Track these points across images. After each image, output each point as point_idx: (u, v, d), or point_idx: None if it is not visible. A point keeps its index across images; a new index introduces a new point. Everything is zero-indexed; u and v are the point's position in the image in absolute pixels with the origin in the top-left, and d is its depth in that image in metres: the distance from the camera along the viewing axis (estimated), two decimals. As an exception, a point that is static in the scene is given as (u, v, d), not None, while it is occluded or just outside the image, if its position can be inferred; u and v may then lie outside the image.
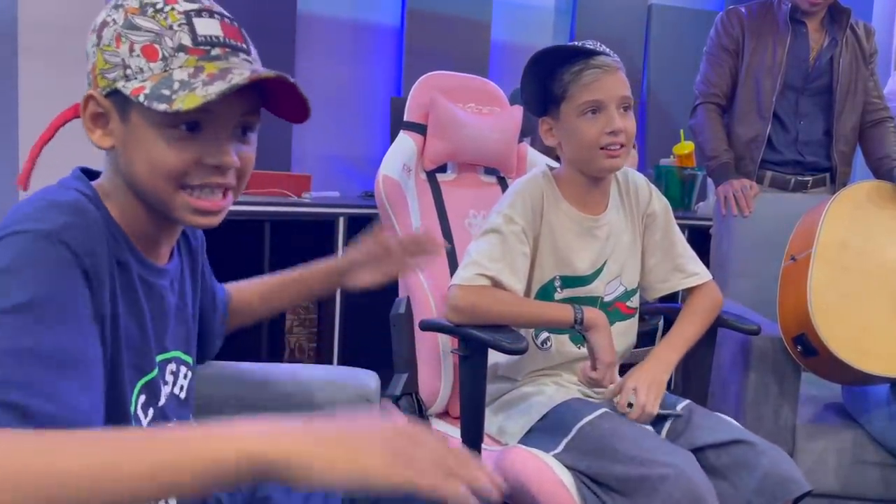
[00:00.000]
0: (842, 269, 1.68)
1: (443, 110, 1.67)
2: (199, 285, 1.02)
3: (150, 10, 0.78)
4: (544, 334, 1.42)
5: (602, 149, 1.31)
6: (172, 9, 0.78)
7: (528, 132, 2.24)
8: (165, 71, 0.76)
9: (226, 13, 0.82)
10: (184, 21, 0.78)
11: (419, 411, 1.51)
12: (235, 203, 0.86)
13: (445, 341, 1.54)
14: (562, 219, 1.40)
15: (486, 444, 1.42)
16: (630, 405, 1.29)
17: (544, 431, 1.30)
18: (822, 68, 2.24)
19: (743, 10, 2.29)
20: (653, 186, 1.51)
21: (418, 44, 3.31)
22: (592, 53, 1.31)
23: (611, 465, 1.17)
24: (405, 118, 1.68)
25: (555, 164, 1.48)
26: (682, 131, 3.13)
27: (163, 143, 0.77)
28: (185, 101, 0.73)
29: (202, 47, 0.78)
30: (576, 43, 1.35)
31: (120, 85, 0.76)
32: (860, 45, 2.26)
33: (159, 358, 0.88)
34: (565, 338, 1.42)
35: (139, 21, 0.77)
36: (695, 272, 1.48)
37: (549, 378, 1.43)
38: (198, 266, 1.02)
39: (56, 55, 2.22)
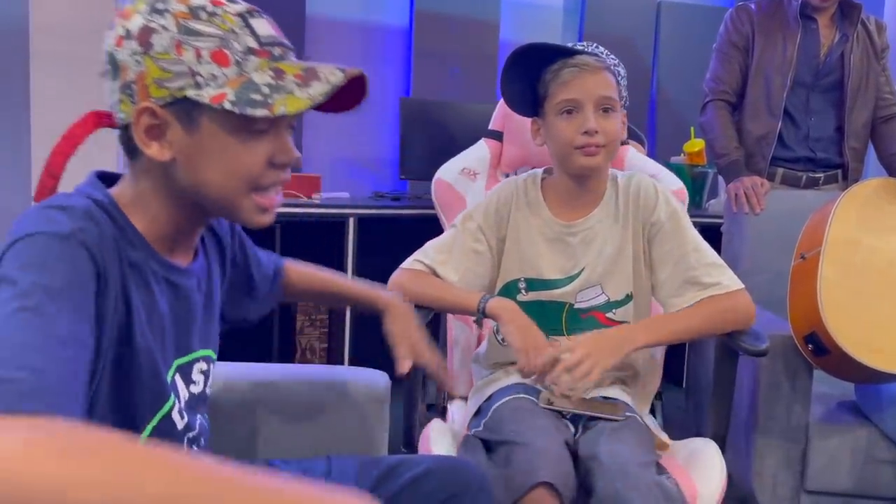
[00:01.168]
0: (851, 267, 1.67)
1: (516, 118, 1.75)
2: (226, 276, 1.03)
3: (204, 14, 0.77)
4: None
5: (577, 148, 1.31)
6: (225, 11, 0.78)
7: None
8: (241, 75, 0.77)
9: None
10: (242, 24, 0.78)
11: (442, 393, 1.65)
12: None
13: (458, 328, 1.66)
14: (534, 222, 1.41)
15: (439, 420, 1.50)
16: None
17: (481, 413, 1.36)
18: (833, 64, 2.22)
19: (752, 6, 2.28)
20: (663, 192, 1.40)
21: (427, 44, 3.31)
22: (572, 52, 1.31)
23: (498, 437, 1.22)
24: (489, 126, 1.81)
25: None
26: (692, 129, 3.11)
27: (239, 147, 0.78)
28: (289, 105, 0.75)
29: (266, 48, 0.79)
30: (567, 43, 1.37)
31: (192, 94, 0.75)
32: (871, 41, 2.25)
33: (185, 359, 0.89)
34: None
35: (197, 26, 0.76)
36: (713, 283, 1.32)
37: (512, 366, 1.44)
38: (226, 258, 1.02)
39: (68, 59, 2.24)
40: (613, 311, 1.40)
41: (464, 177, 1.73)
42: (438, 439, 1.32)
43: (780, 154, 2.26)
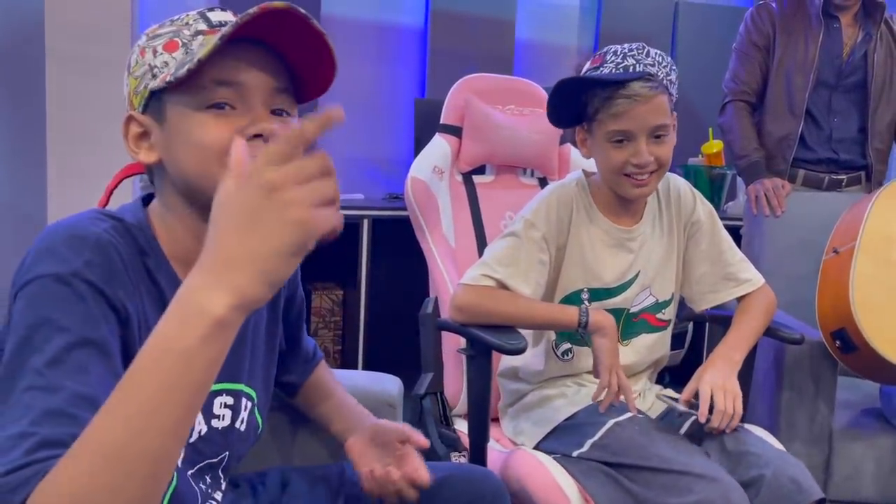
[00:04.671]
0: (887, 264, 1.63)
1: (477, 112, 1.67)
2: (279, 316, 1.01)
3: (168, 22, 0.82)
4: (566, 345, 1.39)
5: (627, 175, 1.28)
6: (188, 14, 0.83)
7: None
8: (186, 53, 0.78)
9: None
10: (198, 16, 0.82)
11: (443, 410, 1.51)
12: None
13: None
14: (593, 230, 1.36)
15: (502, 446, 1.42)
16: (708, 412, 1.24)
17: (569, 432, 1.28)
18: (856, 64, 2.18)
19: (773, 5, 2.24)
20: (697, 192, 1.44)
21: (442, 44, 3.29)
22: (623, 82, 1.24)
23: (646, 463, 1.16)
24: (441, 121, 1.69)
25: (592, 169, 1.41)
26: (710, 130, 3.07)
27: (203, 123, 0.77)
28: (202, 50, 0.74)
29: (217, 28, 0.80)
30: (610, 68, 1.27)
31: (152, 86, 0.78)
32: (895, 40, 2.20)
33: None
34: (589, 350, 1.35)
35: (159, 31, 0.81)
36: (747, 279, 1.41)
37: (570, 379, 1.41)
38: (278, 299, 1.00)
39: (82, 59, 2.24)
40: (662, 311, 1.41)
41: (435, 175, 1.64)
42: (553, 468, 1.24)
43: (802, 155, 2.22)
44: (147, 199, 0.86)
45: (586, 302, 1.36)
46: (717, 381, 1.24)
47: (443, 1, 3.26)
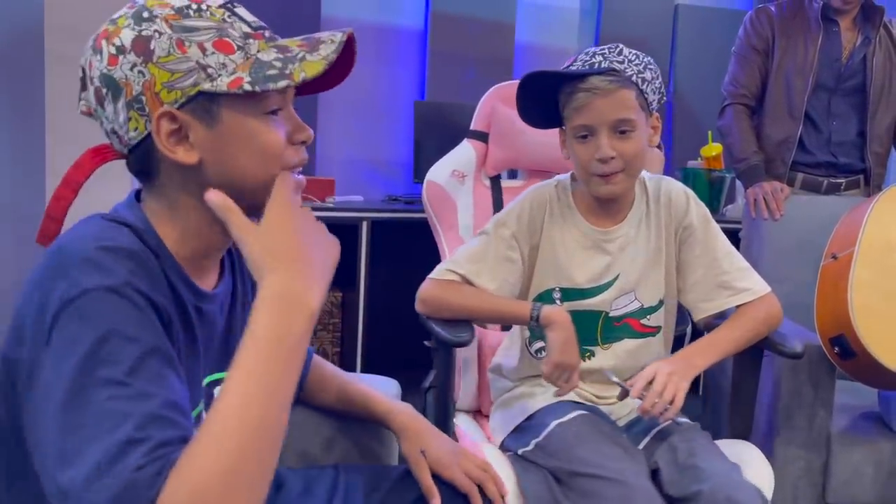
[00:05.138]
0: (885, 270, 1.63)
1: (503, 118, 1.72)
2: None
3: (191, 12, 0.76)
4: (539, 343, 1.39)
5: (596, 175, 1.28)
6: (208, 6, 0.78)
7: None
8: (248, 58, 0.77)
9: None
10: (229, 14, 0.79)
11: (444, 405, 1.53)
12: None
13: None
14: (569, 230, 1.37)
15: (488, 443, 1.43)
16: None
17: (525, 431, 1.31)
18: (855, 67, 2.18)
19: (773, 8, 2.25)
20: (692, 196, 1.39)
21: (442, 46, 3.29)
22: (581, 76, 1.24)
23: (567, 466, 1.18)
24: (471, 127, 1.76)
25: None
26: (709, 133, 3.08)
27: (263, 127, 0.78)
28: (307, 69, 0.76)
29: (259, 31, 0.80)
30: (577, 62, 1.28)
31: (206, 86, 0.75)
32: (894, 44, 2.21)
33: (205, 381, 0.88)
34: None
35: (190, 23, 0.76)
36: (745, 288, 1.35)
37: (544, 378, 1.40)
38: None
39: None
40: (647, 317, 1.38)
41: (454, 179, 1.69)
42: (497, 464, 1.23)
43: (801, 159, 2.23)
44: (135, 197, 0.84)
45: (558, 301, 1.36)
46: (664, 369, 1.22)
47: (443, 3, 3.27)
